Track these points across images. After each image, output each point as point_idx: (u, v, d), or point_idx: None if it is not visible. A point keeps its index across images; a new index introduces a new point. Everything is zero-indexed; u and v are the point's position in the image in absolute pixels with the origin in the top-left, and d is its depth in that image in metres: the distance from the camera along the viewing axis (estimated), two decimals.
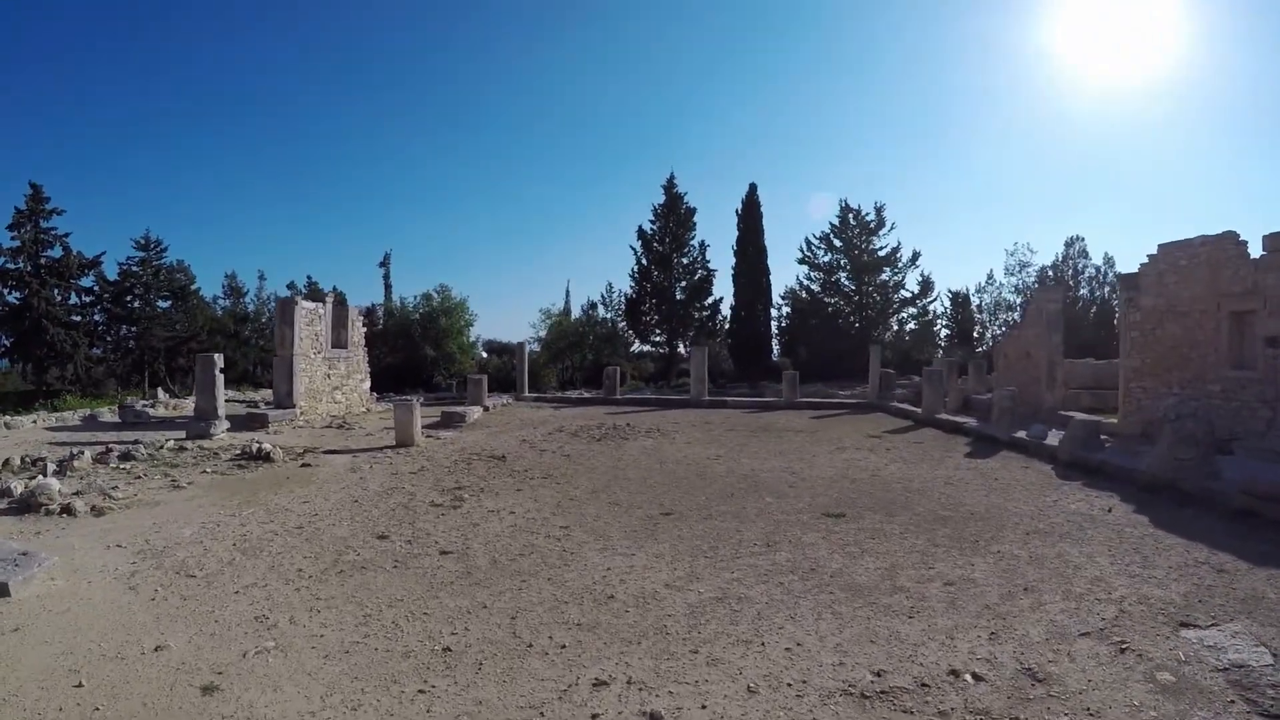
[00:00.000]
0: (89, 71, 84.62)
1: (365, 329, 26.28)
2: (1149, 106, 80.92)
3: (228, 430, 18.27)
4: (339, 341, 24.41)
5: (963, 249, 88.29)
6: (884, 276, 45.57)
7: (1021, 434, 16.13)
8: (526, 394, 28.23)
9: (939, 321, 47.48)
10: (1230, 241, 15.78)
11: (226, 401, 26.67)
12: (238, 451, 14.56)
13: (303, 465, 13.55)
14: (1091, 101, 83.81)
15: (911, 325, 46.48)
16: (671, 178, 44.98)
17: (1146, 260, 17.61)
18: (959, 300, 47.21)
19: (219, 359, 19.19)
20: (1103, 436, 14.78)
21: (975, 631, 5.49)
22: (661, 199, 44.91)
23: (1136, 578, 6.70)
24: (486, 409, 22.97)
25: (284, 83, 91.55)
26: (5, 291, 39.21)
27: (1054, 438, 15.13)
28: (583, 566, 7.14)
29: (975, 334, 47.69)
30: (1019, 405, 19.93)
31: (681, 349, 44.96)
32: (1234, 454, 12.70)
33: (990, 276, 50.75)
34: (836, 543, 8.12)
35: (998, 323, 47.27)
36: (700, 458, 14.69)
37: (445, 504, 10.08)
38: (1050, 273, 45.35)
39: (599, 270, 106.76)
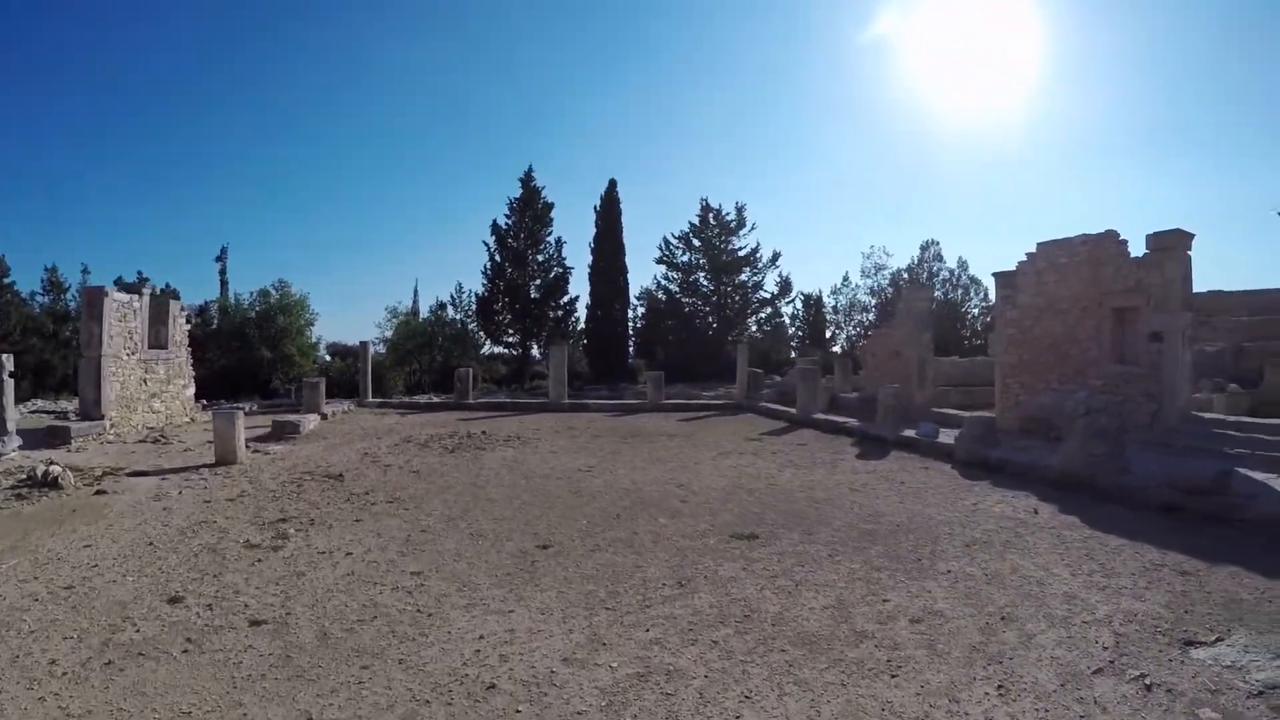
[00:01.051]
0: None
1: (190, 327, 23.41)
2: (1006, 118, 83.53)
3: (19, 448, 15.49)
4: (158, 341, 21.57)
5: (815, 251, 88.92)
6: (743, 277, 45.03)
7: (910, 433, 15.66)
8: (370, 399, 25.76)
9: (794, 323, 47.30)
10: (1111, 240, 15.94)
11: (32, 413, 23.63)
12: (23, 477, 11.98)
13: (97, 493, 11.10)
14: (947, 113, 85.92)
15: (765, 327, 46.15)
16: (529, 171, 42.98)
17: (1025, 259, 17.63)
18: (811, 302, 47.11)
19: (8, 360, 16.34)
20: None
21: (979, 686, 4.51)
22: (518, 193, 42.95)
23: (1108, 589, 6.28)
24: (325, 417, 20.63)
25: (117, 67, 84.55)
26: None
27: (945, 436, 14.79)
28: (446, 636, 5.36)
29: (828, 335, 47.67)
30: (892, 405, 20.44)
31: (535, 350, 43.31)
32: (1125, 447, 12.65)
33: (846, 278, 50.80)
34: (761, 574, 6.71)
35: (853, 324, 47.44)
36: (571, 470, 13.09)
37: (264, 544, 8.00)
38: (906, 275, 45.72)
39: (449, 270, 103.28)
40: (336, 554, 7.58)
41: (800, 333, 47.25)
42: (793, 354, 42.69)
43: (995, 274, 18.88)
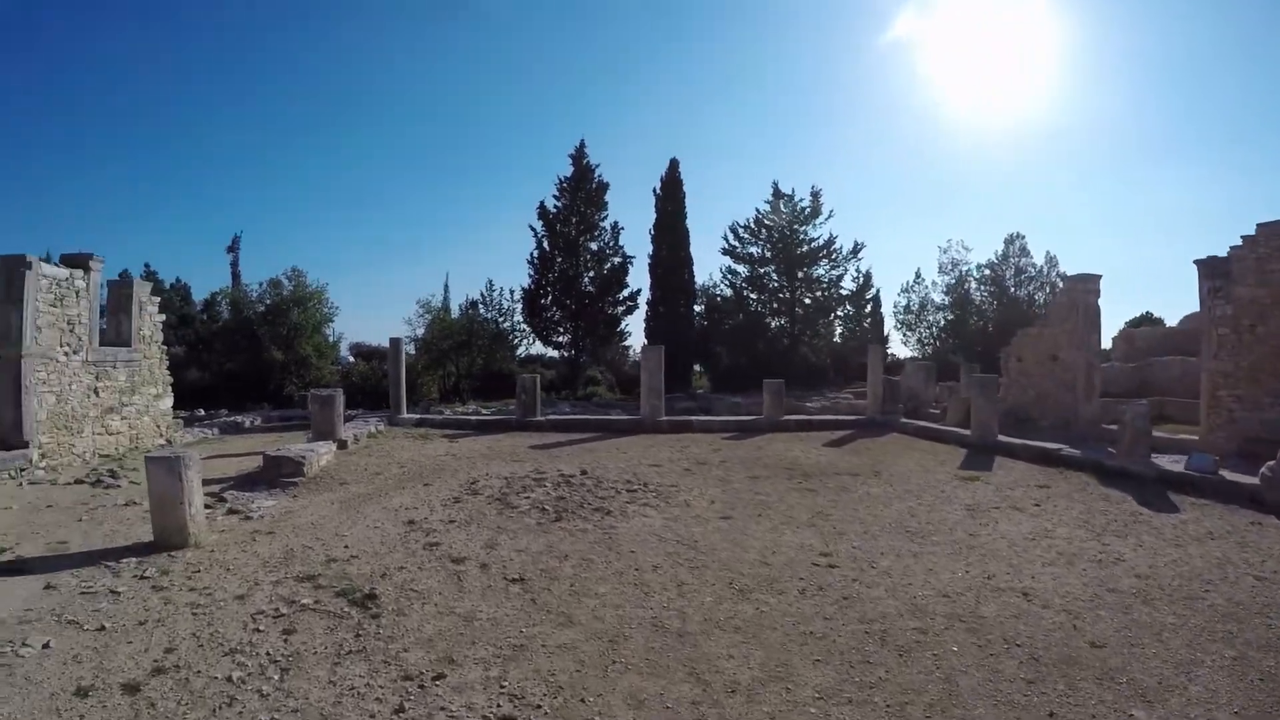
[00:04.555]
0: None
1: (164, 317, 17.73)
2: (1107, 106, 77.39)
3: None
4: (119, 336, 16.00)
5: (884, 246, 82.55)
6: (819, 271, 38.89)
7: (1172, 466, 11.89)
8: (405, 414, 19.77)
9: (849, 323, 41.03)
10: None
11: None
12: None
13: None
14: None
15: (852, 326, 40.04)
16: (581, 146, 36.92)
17: (1240, 243, 14.29)
18: (867, 300, 40.94)
19: None
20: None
21: None
22: (569, 171, 37.03)
23: None
24: (343, 444, 14.66)
25: (134, 56, 79.62)
26: None
27: (1165, 461, 12.28)
28: None
29: (899, 339, 42.07)
30: (1048, 418, 18.27)
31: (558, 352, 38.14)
32: None
33: (919, 275, 44.63)
34: None
35: (924, 324, 41.20)
36: (792, 560, 7.61)
37: None
38: (988, 271, 39.81)
39: (482, 263, 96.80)
40: None
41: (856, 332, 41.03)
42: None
43: (1199, 261, 15.14)
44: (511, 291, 37.35)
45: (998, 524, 8.89)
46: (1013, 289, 39.55)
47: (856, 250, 38.65)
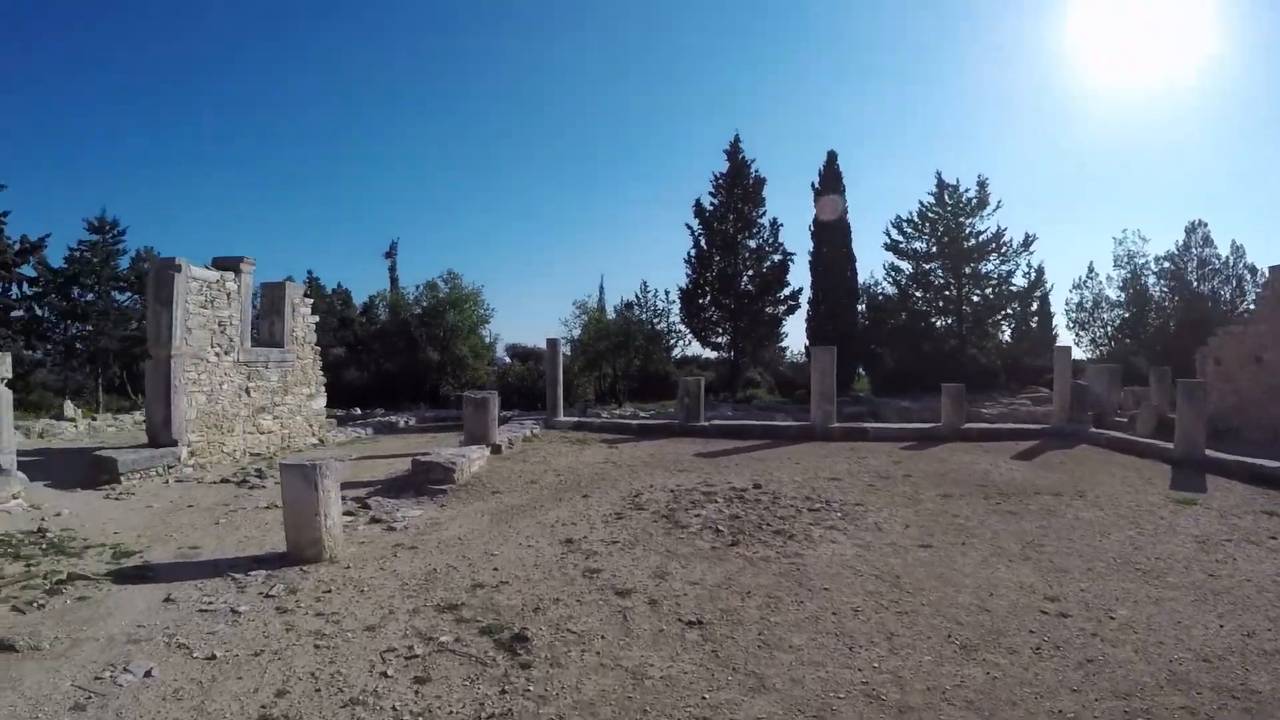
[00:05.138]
0: (81, 46, 76.22)
1: (317, 318, 17.38)
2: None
3: (18, 497, 10.06)
4: (271, 337, 15.71)
5: (1052, 239, 77.57)
6: (988, 267, 36.11)
7: None
8: (561, 416, 18.87)
9: (1030, 321, 37.70)
10: None
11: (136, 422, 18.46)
12: None
13: None
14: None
15: (1023, 326, 37.02)
16: (736, 141, 35.33)
17: None
18: (1036, 297, 37.53)
19: (3, 360, 10.47)
20: None
21: None
22: (724, 167, 35.59)
23: None
24: (497, 448, 13.71)
25: (280, 67, 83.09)
26: None
27: None
28: None
29: (1071, 339, 38.09)
30: (1252, 428, 16.25)
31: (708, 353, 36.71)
32: None
33: (1091, 270, 40.67)
34: None
35: (1098, 323, 37.64)
36: (1022, 609, 5.99)
37: None
38: (1167, 264, 36.09)
39: (635, 264, 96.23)
40: None
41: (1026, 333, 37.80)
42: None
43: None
44: (667, 292, 36.35)
45: (1236, 562, 7.07)
46: (1195, 283, 35.87)
47: (1028, 243, 35.29)
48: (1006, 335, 36.91)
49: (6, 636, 5.25)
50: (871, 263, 53.80)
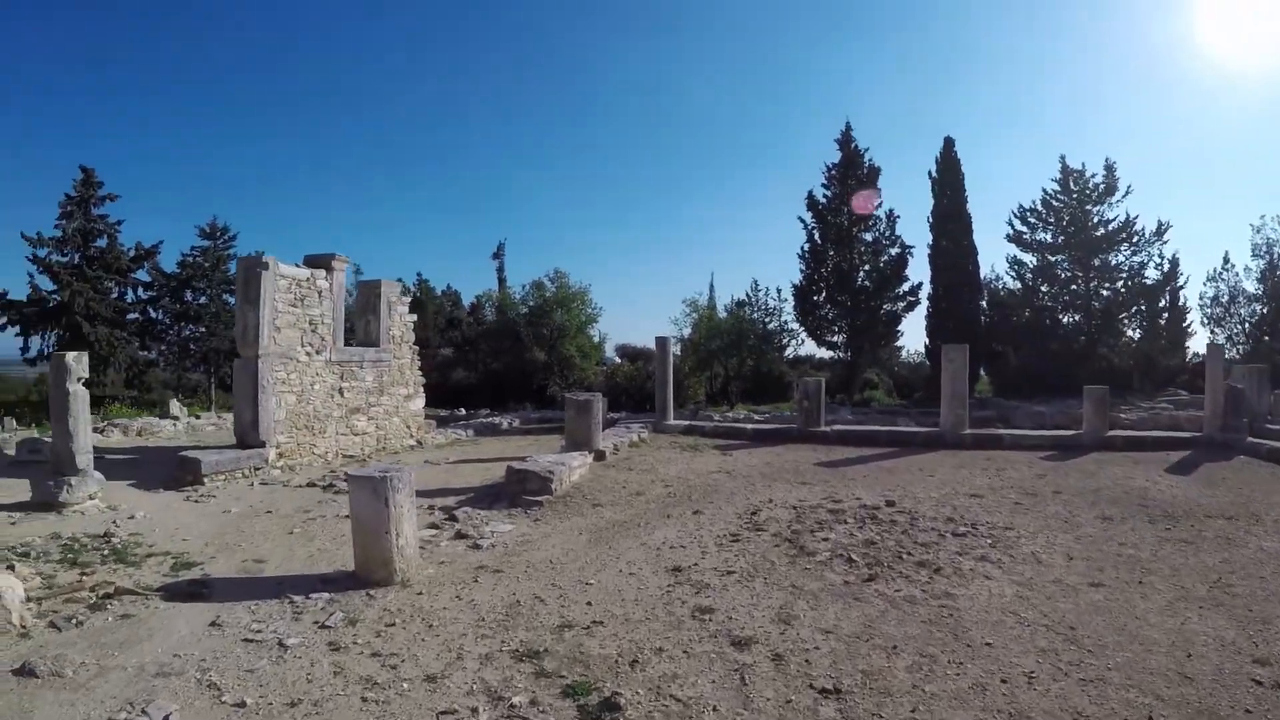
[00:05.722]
0: (201, 55, 78.88)
1: (415, 317, 16.71)
2: None
3: (95, 497, 9.64)
4: (366, 336, 15.11)
5: (1182, 228, 72.82)
6: (1118, 258, 33.36)
7: None
8: (671, 419, 17.74)
9: (1159, 317, 34.51)
10: None
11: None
12: None
13: None
14: None
15: (1136, 323, 33.99)
16: (847, 129, 33.81)
17: None
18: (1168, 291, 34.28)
19: (74, 360, 9.95)
20: None
21: None
22: (836, 157, 33.91)
23: None
24: (600, 455, 12.73)
25: (395, 70, 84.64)
26: (52, 289, 32.56)
27: None
28: None
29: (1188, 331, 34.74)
30: None
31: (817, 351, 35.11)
32: None
33: (1227, 260, 36.91)
34: None
35: (1234, 318, 34.34)
36: (1230, 678, 4.54)
37: None
38: None
39: (745, 262, 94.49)
40: None
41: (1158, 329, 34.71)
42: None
43: None
44: (779, 290, 34.97)
45: None
46: None
47: (1161, 231, 32.06)
48: (1133, 332, 34.11)
49: (31, 660, 4.64)
50: (991, 256, 51.08)
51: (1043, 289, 33.69)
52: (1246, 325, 33.67)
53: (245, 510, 9.39)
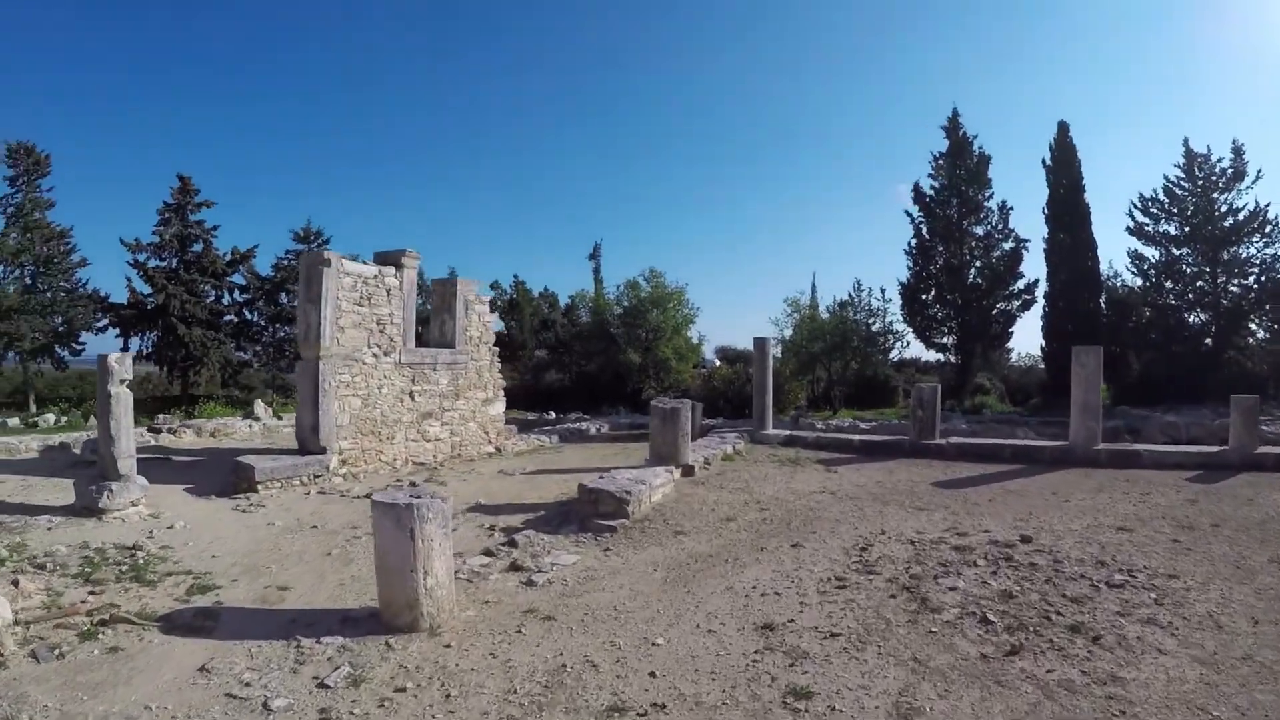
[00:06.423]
0: (297, 64, 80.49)
1: (496, 315, 15.82)
2: None
3: (138, 504, 9.13)
4: (441, 337, 14.22)
5: None
6: (1248, 251, 30.34)
7: None
8: (770, 429, 16.24)
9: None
10: None
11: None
12: None
13: None
14: None
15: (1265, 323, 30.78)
16: (954, 115, 31.90)
17: None
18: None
19: (116, 362, 9.18)
20: None
21: None
22: (943, 145, 32.02)
23: None
24: (688, 470, 11.48)
25: (493, 77, 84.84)
26: (149, 293, 33.75)
27: None
28: None
29: None
30: None
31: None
32: None
33: None
34: None
35: None
36: None
37: None
38: None
39: (848, 261, 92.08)
40: None
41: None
42: None
43: None
44: (883, 290, 33.14)
45: None
46: None
47: None
48: (1264, 333, 31.09)
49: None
50: (1108, 250, 47.80)
51: (1166, 285, 31.02)
52: None
53: (290, 524, 8.57)
